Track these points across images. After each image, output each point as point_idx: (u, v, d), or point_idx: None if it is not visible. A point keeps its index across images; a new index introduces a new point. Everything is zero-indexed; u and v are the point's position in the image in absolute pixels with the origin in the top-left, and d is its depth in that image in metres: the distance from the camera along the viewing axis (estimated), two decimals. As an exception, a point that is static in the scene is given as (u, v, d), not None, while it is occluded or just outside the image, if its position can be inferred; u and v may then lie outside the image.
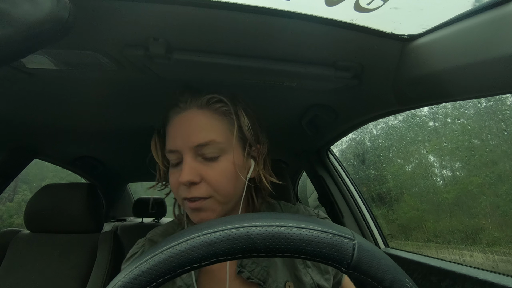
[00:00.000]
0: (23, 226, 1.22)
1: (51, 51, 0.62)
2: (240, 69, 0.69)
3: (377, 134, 1.91)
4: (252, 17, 0.53)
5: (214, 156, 0.48)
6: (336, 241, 0.25)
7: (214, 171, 0.48)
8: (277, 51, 0.64)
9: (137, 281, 0.23)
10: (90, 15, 0.51)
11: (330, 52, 0.65)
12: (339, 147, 2.04)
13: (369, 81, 0.74)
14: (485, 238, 1.21)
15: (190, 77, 0.75)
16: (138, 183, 3.15)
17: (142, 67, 0.69)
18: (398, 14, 0.54)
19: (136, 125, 1.22)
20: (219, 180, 0.47)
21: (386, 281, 0.25)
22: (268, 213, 0.28)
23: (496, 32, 0.46)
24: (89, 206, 1.19)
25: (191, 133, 0.48)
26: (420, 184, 1.68)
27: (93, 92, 0.87)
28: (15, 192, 4.62)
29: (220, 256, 0.24)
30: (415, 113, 1.50)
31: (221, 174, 0.48)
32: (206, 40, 0.60)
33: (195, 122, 0.49)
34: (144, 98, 0.94)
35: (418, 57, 0.60)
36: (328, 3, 0.51)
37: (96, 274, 1.11)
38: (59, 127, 1.21)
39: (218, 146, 0.48)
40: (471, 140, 1.26)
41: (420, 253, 1.05)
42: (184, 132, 0.48)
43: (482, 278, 0.72)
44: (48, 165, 1.76)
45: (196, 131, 0.48)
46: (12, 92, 0.87)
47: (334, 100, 0.92)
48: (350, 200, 1.33)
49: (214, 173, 0.47)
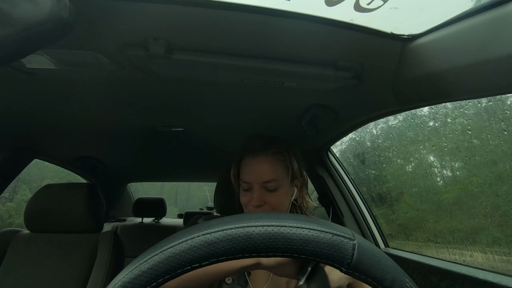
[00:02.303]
0: (23, 226, 1.22)
1: (51, 51, 0.62)
2: (240, 69, 0.69)
3: (377, 134, 1.91)
4: (252, 17, 0.53)
5: (274, 189, 0.68)
6: (336, 241, 0.25)
7: (273, 198, 0.69)
8: (277, 51, 0.64)
9: (137, 281, 0.23)
10: (90, 15, 0.51)
11: (330, 52, 0.65)
12: (339, 147, 2.04)
13: (369, 81, 0.74)
14: (485, 238, 1.21)
15: (190, 77, 0.75)
16: (138, 183, 3.15)
17: (142, 67, 0.69)
18: (398, 14, 0.54)
19: (136, 125, 1.22)
20: (277, 204, 0.69)
21: (386, 281, 0.25)
22: (268, 213, 0.28)
23: (496, 32, 0.46)
24: (89, 206, 1.19)
25: (260, 173, 0.68)
26: (420, 184, 1.68)
27: (93, 92, 0.87)
28: (15, 192, 4.62)
29: (220, 256, 0.24)
30: (415, 113, 1.50)
31: (278, 200, 0.69)
32: (206, 40, 0.60)
33: (263, 166, 0.69)
34: (144, 98, 0.94)
35: (418, 57, 0.60)
36: (328, 3, 0.51)
37: (96, 274, 1.11)
38: (59, 127, 1.21)
39: (277, 183, 0.68)
40: (471, 140, 1.26)
41: (420, 253, 1.05)
42: (255, 171, 0.69)
43: (482, 278, 0.72)
44: (48, 165, 1.77)
45: (263, 172, 0.68)
46: (12, 92, 0.87)
47: (334, 100, 0.92)
48: (350, 200, 1.33)
49: (273, 199, 0.69)
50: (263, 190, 0.68)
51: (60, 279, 1.09)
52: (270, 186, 0.68)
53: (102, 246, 1.17)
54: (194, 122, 1.20)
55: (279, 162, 0.70)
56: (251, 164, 0.70)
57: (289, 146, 0.73)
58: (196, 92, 0.90)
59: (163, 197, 2.54)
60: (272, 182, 0.68)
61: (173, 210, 3.42)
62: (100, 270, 1.11)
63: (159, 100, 0.96)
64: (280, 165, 0.70)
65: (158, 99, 0.95)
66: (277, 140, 0.73)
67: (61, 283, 1.09)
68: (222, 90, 0.88)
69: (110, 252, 1.16)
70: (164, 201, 2.49)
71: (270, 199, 0.69)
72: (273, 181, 0.68)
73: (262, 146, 0.70)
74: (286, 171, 0.71)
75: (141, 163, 1.97)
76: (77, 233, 1.19)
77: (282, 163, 0.71)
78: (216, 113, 1.09)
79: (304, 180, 0.77)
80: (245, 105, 1.01)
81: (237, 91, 0.88)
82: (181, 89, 0.87)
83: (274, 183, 0.68)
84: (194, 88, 0.86)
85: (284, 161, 0.71)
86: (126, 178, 2.50)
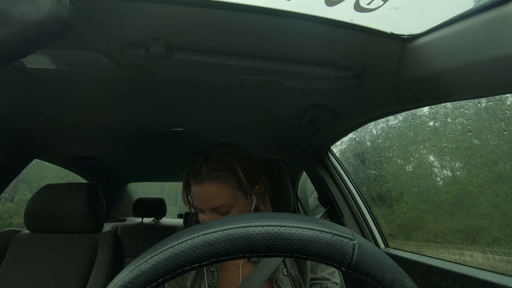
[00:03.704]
0: (23, 226, 1.22)
1: (51, 51, 0.62)
2: (240, 69, 0.69)
3: (377, 134, 1.91)
4: (252, 17, 0.53)
5: (226, 212, 0.65)
6: (336, 241, 0.25)
7: None
8: (277, 51, 0.64)
9: (137, 281, 0.23)
10: (90, 15, 0.51)
11: (330, 52, 0.65)
12: (339, 147, 2.04)
13: (369, 81, 0.74)
14: (485, 238, 1.21)
15: (190, 77, 0.75)
16: (138, 183, 3.15)
17: (142, 67, 0.69)
18: (398, 14, 0.54)
19: (136, 125, 1.22)
20: None
21: (386, 281, 0.25)
22: (268, 213, 0.28)
23: (496, 32, 0.46)
24: (89, 206, 1.19)
25: (207, 200, 0.64)
26: (420, 184, 1.67)
27: (93, 92, 0.87)
28: (16, 192, 4.62)
29: (220, 256, 0.24)
30: (415, 113, 1.50)
31: None
32: (206, 40, 0.60)
33: (209, 192, 0.64)
34: (144, 98, 0.94)
35: (418, 57, 0.60)
36: (328, 3, 0.51)
37: (96, 274, 1.11)
38: (59, 127, 1.21)
39: (227, 206, 0.65)
40: (471, 140, 1.26)
41: (420, 253, 1.05)
42: (202, 198, 0.65)
43: (482, 278, 0.72)
44: (48, 165, 1.76)
45: (210, 199, 0.64)
46: (12, 92, 0.87)
47: (334, 100, 0.92)
48: (350, 200, 1.33)
49: None
50: (216, 213, 0.65)
51: (60, 279, 1.09)
52: (221, 210, 0.65)
53: (102, 246, 1.17)
54: (194, 122, 1.20)
55: (226, 184, 0.65)
56: (196, 190, 0.66)
57: (234, 159, 0.66)
58: (196, 92, 0.90)
59: (163, 197, 2.54)
60: (222, 207, 0.64)
61: (173, 210, 3.41)
62: (100, 270, 1.11)
63: (159, 100, 0.96)
64: (227, 187, 0.65)
65: (158, 99, 0.95)
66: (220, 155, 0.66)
67: (61, 283, 1.09)
68: (222, 90, 0.88)
69: (110, 252, 1.16)
70: (164, 201, 2.49)
71: None
72: (223, 206, 0.64)
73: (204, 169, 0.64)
74: (236, 190, 0.66)
75: (141, 163, 1.97)
76: (77, 233, 1.19)
77: (229, 184, 0.65)
78: (216, 113, 1.09)
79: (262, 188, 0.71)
80: (245, 105, 1.00)
81: (237, 91, 0.88)
82: (181, 89, 0.87)
83: (224, 207, 0.64)
84: (194, 88, 0.86)
85: (231, 182, 0.65)
86: (126, 178, 2.50)
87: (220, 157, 0.66)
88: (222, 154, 0.66)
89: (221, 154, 0.66)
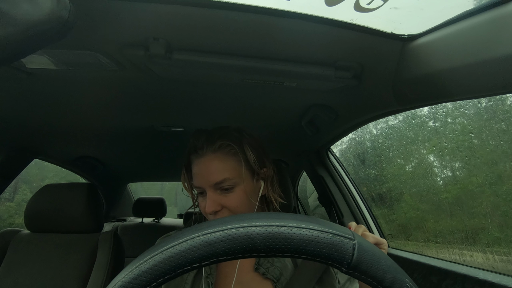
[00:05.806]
0: (23, 226, 1.22)
1: (51, 51, 0.62)
2: (240, 69, 0.69)
3: (377, 134, 1.91)
4: (252, 17, 0.53)
5: (230, 188, 0.59)
6: (336, 241, 0.25)
7: (230, 200, 0.60)
8: (277, 51, 0.64)
9: (137, 281, 0.23)
10: (90, 15, 0.51)
11: (330, 52, 0.65)
12: (339, 147, 2.04)
13: (369, 81, 0.74)
14: (485, 238, 1.21)
15: (190, 77, 0.75)
16: (138, 183, 3.15)
17: (142, 67, 0.69)
18: (398, 14, 0.54)
19: (136, 125, 1.22)
20: (236, 206, 0.60)
21: (386, 281, 0.25)
22: (268, 213, 0.28)
23: (496, 32, 0.46)
24: (89, 206, 1.19)
25: (209, 175, 0.59)
26: (420, 184, 1.68)
27: (93, 92, 0.87)
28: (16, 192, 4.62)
29: (220, 256, 0.24)
30: (415, 113, 1.50)
31: (236, 201, 0.60)
32: (206, 40, 0.60)
33: (211, 165, 0.60)
34: (144, 98, 0.94)
35: (418, 57, 0.60)
36: (328, 3, 0.51)
37: (96, 274, 1.11)
38: (59, 127, 1.21)
39: (231, 181, 0.59)
40: (471, 140, 1.26)
41: (420, 253, 1.05)
42: (204, 173, 0.60)
43: (482, 278, 0.72)
44: (48, 165, 1.76)
45: (212, 173, 0.59)
46: (12, 92, 0.87)
47: (334, 100, 0.92)
48: (350, 200, 1.33)
49: (231, 201, 0.60)
50: (218, 192, 0.59)
51: (60, 279, 1.09)
52: (225, 186, 0.59)
53: (102, 246, 1.17)
54: (194, 122, 1.20)
55: (230, 156, 0.60)
56: (197, 165, 0.61)
57: (240, 135, 0.63)
58: (196, 92, 0.90)
59: (163, 197, 2.54)
60: (225, 182, 0.58)
61: (173, 210, 3.41)
62: (100, 270, 1.11)
63: (159, 100, 0.96)
64: (232, 159, 0.60)
65: (158, 99, 0.95)
66: (224, 130, 0.63)
67: (61, 283, 1.09)
68: (222, 90, 0.88)
69: (110, 252, 1.16)
70: (164, 201, 2.49)
71: (227, 202, 0.59)
72: (226, 180, 0.58)
73: (206, 141, 0.60)
74: (241, 165, 0.61)
75: (141, 163, 1.97)
76: (77, 233, 1.20)
77: (234, 156, 0.60)
78: (216, 113, 1.09)
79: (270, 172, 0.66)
80: (245, 105, 1.00)
81: (237, 91, 0.88)
82: (181, 89, 0.87)
83: (228, 182, 0.58)
84: (194, 88, 0.86)
85: (236, 154, 0.60)
86: (126, 178, 2.50)
87: (225, 131, 0.62)
88: (227, 129, 0.63)
89: (226, 129, 0.63)
